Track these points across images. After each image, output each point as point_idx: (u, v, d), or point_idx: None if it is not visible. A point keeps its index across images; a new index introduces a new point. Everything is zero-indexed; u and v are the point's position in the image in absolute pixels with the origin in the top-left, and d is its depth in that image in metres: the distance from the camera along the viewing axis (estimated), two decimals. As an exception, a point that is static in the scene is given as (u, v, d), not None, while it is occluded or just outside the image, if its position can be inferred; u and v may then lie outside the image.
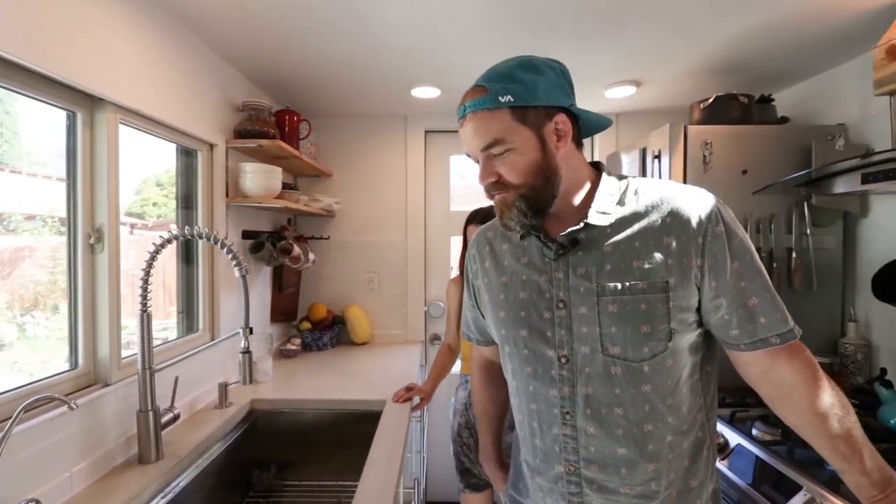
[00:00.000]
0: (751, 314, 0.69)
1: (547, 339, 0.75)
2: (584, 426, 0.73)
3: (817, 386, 0.70)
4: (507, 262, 0.82)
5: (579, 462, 0.74)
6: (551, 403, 0.75)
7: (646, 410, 0.71)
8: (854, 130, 1.62)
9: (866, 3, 1.25)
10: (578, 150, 0.78)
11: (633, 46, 1.56)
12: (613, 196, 0.75)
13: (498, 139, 0.70)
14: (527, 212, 0.72)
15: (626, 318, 0.70)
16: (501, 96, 0.69)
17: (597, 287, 0.71)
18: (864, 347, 1.55)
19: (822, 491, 0.97)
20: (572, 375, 0.73)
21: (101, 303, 1.10)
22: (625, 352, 0.70)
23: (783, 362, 0.71)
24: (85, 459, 1.00)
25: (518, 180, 0.71)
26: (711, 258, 0.69)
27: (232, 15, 1.33)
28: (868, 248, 1.59)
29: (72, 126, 1.07)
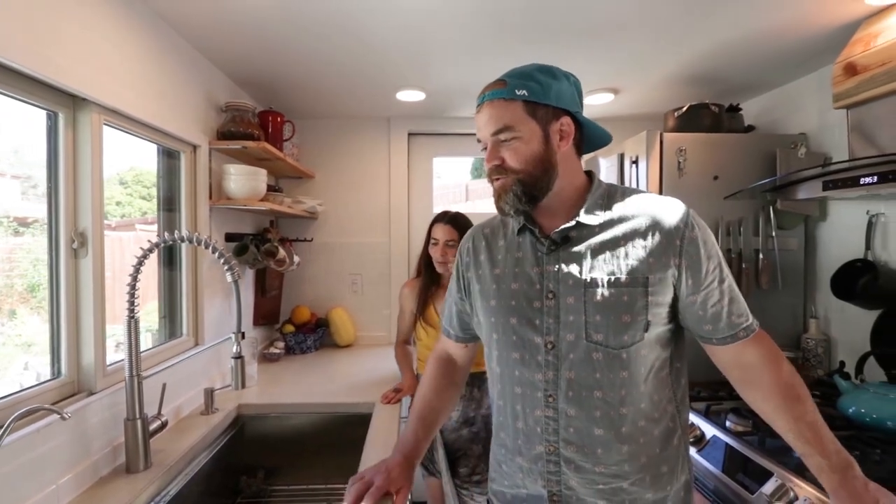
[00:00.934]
0: (721, 312, 0.78)
1: (535, 326, 0.81)
2: (565, 408, 0.79)
3: (780, 367, 0.78)
4: (501, 256, 0.88)
5: (559, 442, 0.80)
6: (536, 387, 0.81)
7: (622, 394, 0.77)
8: (814, 139, 1.74)
9: (825, 22, 1.35)
10: (577, 156, 0.85)
11: (612, 57, 1.63)
12: (602, 200, 0.83)
13: (507, 126, 0.78)
14: (521, 197, 0.79)
15: (609, 308, 0.76)
16: (518, 90, 0.77)
17: (585, 279, 0.78)
18: (824, 342, 1.67)
19: (790, 477, 1.04)
20: (557, 360, 0.79)
21: (86, 309, 1.07)
22: (606, 339, 0.77)
23: (750, 349, 0.79)
24: (71, 470, 0.97)
25: (519, 166, 0.79)
26: (688, 259, 0.77)
27: (217, 16, 1.31)
28: (827, 250, 1.70)
29: (53, 127, 1.04)
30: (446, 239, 1.52)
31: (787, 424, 0.76)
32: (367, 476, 0.82)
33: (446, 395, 0.97)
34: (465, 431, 1.54)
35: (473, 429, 1.54)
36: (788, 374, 0.77)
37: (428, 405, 0.95)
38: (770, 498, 1.03)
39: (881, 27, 1.24)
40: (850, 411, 1.25)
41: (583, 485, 0.79)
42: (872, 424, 1.20)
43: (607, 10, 1.30)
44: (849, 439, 1.18)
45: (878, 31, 1.24)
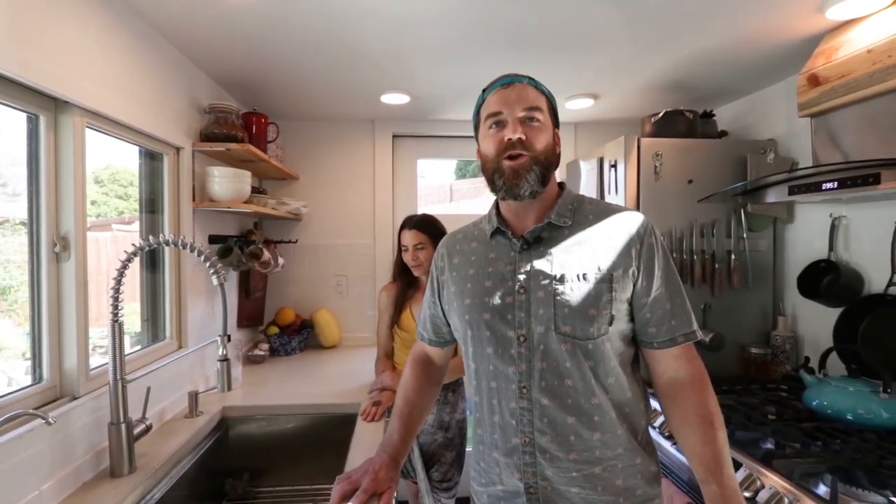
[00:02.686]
0: (667, 316, 0.83)
1: (507, 321, 0.84)
2: (539, 398, 0.82)
3: (705, 392, 0.82)
4: (475, 258, 0.92)
5: (534, 433, 0.83)
6: (510, 380, 0.84)
7: (591, 384, 0.81)
8: (782, 145, 1.82)
9: (791, 34, 1.42)
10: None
11: (592, 63, 1.68)
12: (571, 206, 0.89)
13: (539, 107, 0.85)
14: (539, 179, 0.84)
15: (577, 301, 0.81)
16: (542, 89, 0.88)
17: (554, 275, 0.83)
18: (792, 339, 1.75)
19: (758, 467, 1.10)
20: (529, 352, 0.83)
21: (68, 313, 1.06)
22: (574, 330, 0.81)
23: (682, 363, 0.84)
24: (54, 476, 0.97)
25: (540, 146, 0.84)
26: (644, 263, 0.83)
27: (200, 18, 1.31)
28: (793, 251, 1.79)
29: (33, 130, 1.03)
30: (415, 243, 1.55)
31: (696, 448, 0.80)
32: (354, 476, 0.85)
33: (426, 393, 1.03)
34: (439, 436, 1.56)
35: (448, 434, 1.57)
36: (711, 401, 0.82)
37: (410, 404, 0.98)
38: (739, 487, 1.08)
39: (841, 41, 1.31)
40: (814, 404, 1.33)
41: (557, 474, 0.82)
42: (834, 416, 1.27)
43: (587, 19, 1.35)
44: (813, 430, 1.25)
45: (838, 44, 1.31)
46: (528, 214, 0.88)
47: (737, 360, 1.79)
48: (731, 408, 1.41)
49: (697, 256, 1.76)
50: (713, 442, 0.79)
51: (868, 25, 1.24)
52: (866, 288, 1.49)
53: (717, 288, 1.77)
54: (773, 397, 1.52)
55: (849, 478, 1.00)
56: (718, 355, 1.76)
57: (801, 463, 1.09)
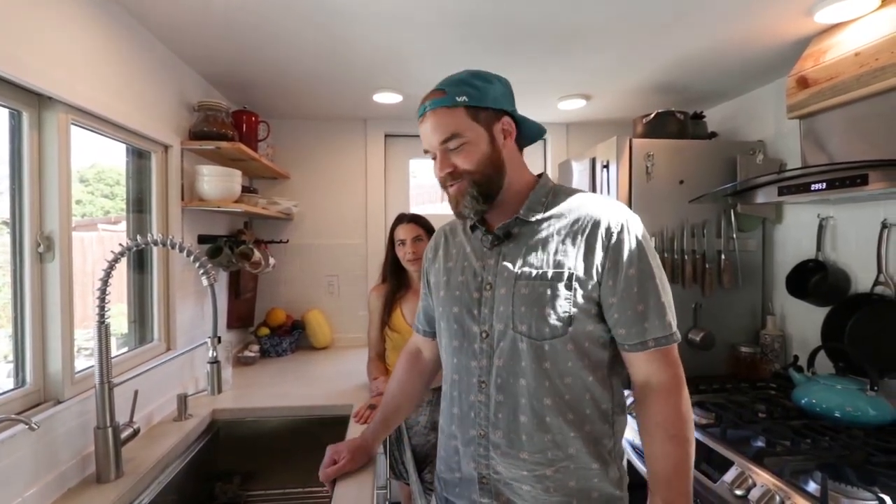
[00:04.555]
0: (637, 318, 0.78)
1: (474, 316, 0.85)
2: (495, 394, 0.83)
3: (672, 402, 0.78)
4: (456, 251, 0.94)
5: (488, 427, 0.84)
6: (471, 373, 0.86)
7: (545, 385, 0.80)
8: (771, 147, 1.84)
9: (780, 37, 1.44)
10: (520, 153, 0.91)
11: (584, 64, 1.68)
12: (546, 198, 0.87)
13: (455, 133, 0.81)
14: (478, 197, 0.83)
15: (532, 300, 0.80)
16: (458, 97, 0.80)
17: (516, 272, 0.82)
18: (780, 338, 1.77)
19: (750, 465, 1.11)
20: (490, 349, 0.84)
21: (52, 315, 1.03)
22: (530, 330, 0.80)
23: (655, 368, 0.79)
24: (38, 482, 0.94)
25: (472, 167, 0.82)
26: (612, 261, 0.79)
27: (190, 14, 1.29)
28: (782, 251, 1.81)
29: (16, 126, 1.00)
30: (413, 235, 1.55)
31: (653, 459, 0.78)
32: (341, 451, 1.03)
33: (408, 383, 1.08)
34: (432, 437, 1.56)
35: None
36: (678, 413, 0.78)
37: (392, 392, 1.07)
38: (731, 485, 1.10)
39: (829, 44, 1.33)
40: (803, 402, 1.34)
41: (509, 469, 0.82)
42: (822, 413, 1.29)
43: (579, 20, 1.35)
44: (802, 428, 1.27)
45: (826, 47, 1.33)
46: (502, 209, 0.86)
47: (727, 358, 1.81)
48: (721, 406, 1.42)
49: (688, 256, 1.77)
50: (670, 457, 0.77)
51: (856, 29, 1.26)
52: (853, 287, 1.51)
53: (707, 287, 1.78)
54: (763, 395, 1.53)
55: (838, 475, 1.02)
56: (709, 354, 1.78)
57: (792, 460, 1.10)
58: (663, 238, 1.78)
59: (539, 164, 2.60)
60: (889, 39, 1.14)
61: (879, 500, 0.92)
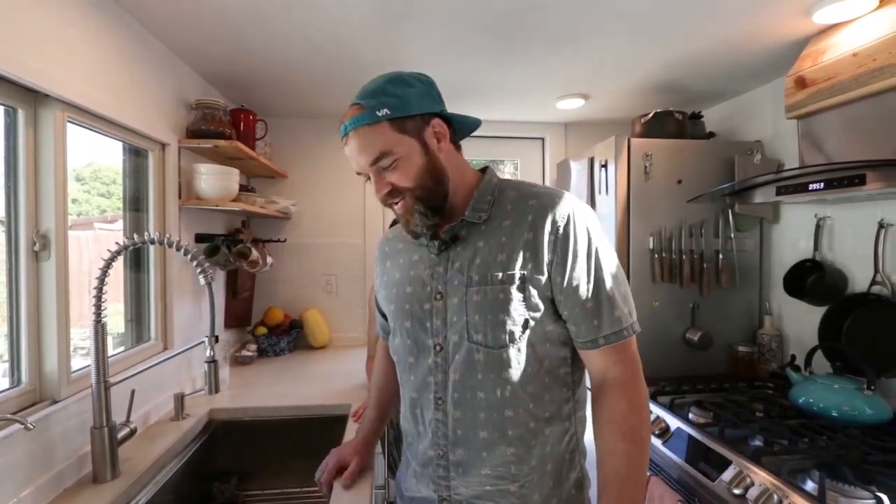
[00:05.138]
0: (587, 315, 0.74)
1: (426, 328, 0.81)
2: (452, 411, 0.78)
3: (625, 398, 0.75)
4: (402, 260, 0.87)
5: (448, 446, 0.79)
6: (428, 389, 0.81)
7: (505, 396, 0.76)
8: (768, 147, 1.85)
9: (778, 37, 1.44)
10: (458, 152, 0.85)
11: (582, 63, 1.68)
12: (492, 196, 0.81)
13: (384, 151, 0.74)
14: (426, 212, 0.77)
15: (485, 307, 0.75)
16: (378, 111, 0.73)
17: (466, 279, 0.77)
18: (778, 337, 1.78)
19: (748, 464, 1.11)
20: (445, 363, 0.79)
21: (48, 314, 1.02)
22: (485, 339, 0.75)
23: (609, 364, 0.76)
24: (33, 482, 0.93)
25: (411, 184, 0.76)
26: (559, 256, 0.75)
27: (187, 13, 1.28)
28: (780, 251, 1.81)
29: (12, 124, 0.99)
30: None
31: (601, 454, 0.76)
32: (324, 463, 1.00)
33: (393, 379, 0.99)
34: None
35: None
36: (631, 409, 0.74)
37: (379, 389, 1.05)
38: (729, 484, 1.10)
39: (828, 44, 1.33)
40: (800, 401, 1.35)
41: (471, 487, 0.79)
42: (820, 413, 1.29)
43: (578, 19, 1.35)
44: (799, 427, 1.27)
45: (825, 47, 1.34)
46: (451, 214, 0.81)
47: (724, 358, 1.82)
48: (719, 405, 1.42)
49: (686, 256, 1.78)
50: (619, 455, 0.74)
51: (854, 29, 1.26)
52: (850, 287, 1.52)
53: (705, 287, 1.79)
54: (761, 395, 1.54)
55: (835, 474, 1.02)
56: (707, 354, 1.79)
57: (789, 459, 1.10)
58: (661, 238, 1.78)
59: (538, 163, 2.61)
60: (887, 40, 1.15)
61: (877, 498, 0.92)
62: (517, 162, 2.62)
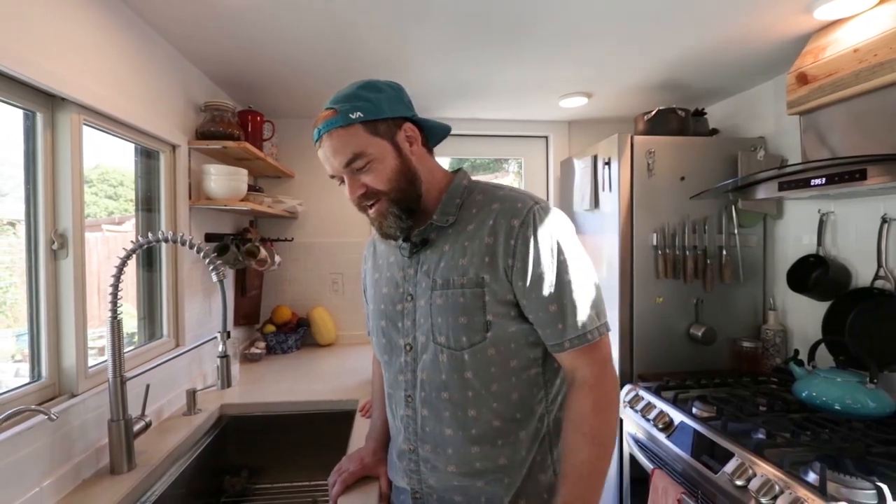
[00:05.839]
0: (552, 318, 0.74)
1: (398, 329, 0.84)
2: (420, 409, 0.81)
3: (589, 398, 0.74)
4: (381, 261, 0.91)
5: (417, 442, 0.83)
6: (400, 387, 0.84)
7: (469, 396, 0.77)
8: (772, 143, 1.85)
9: (780, 34, 1.45)
10: (430, 155, 0.87)
11: (585, 62, 1.69)
12: (461, 199, 0.82)
13: (357, 153, 0.76)
14: (401, 215, 0.79)
15: (447, 309, 0.77)
16: (351, 114, 0.75)
17: (431, 282, 0.79)
18: (782, 332, 1.78)
19: (750, 457, 1.12)
20: (414, 362, 0.82)
21: (66, 311, 1.06)
22: (448, 340, 0.77)
23: (578, 365, 0.76)
24: (55, 473, 0.97)
25: (385, 186, 0.77)
26: (519, 261, 0.75)
27: (196, 16, 1.31)
28: (783, 246, 1.82)
29: (31, 127, 1.03)
30: None
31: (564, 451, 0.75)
32: (344, 465, 0.94)
33: None
34: None
35: None
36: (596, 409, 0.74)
37: (381, 393, 1.00)
38: (731, 476, 1.11)
39: (829, 40, 1.34)
40: (804, 395, 1.36)
41: (440, 482, 0.82)
42: (822, 406, 1.31)
43: (579, 18, 1.36)
44: (802, 421, 1.28)
45: (826, 44, 1.34)
46: (424, 216, 0.82)
47: (729, 353, 1.83)
48: (723, 400, 1.43)
49: (690, 252, 1.79)
50: (577, 454, 0.73)
51: (854, 25, 1.27)
52: (853, 282, 1.53)
53: (708, 283, 1.80)
54: (765, 389, 1.55)
55: (837, 465, 1.03)
56: (711, 349, 1.80)
57: (791, 452, 1.12)
58: (665, 234, 1.79)
59: (541, 162, 2.62)
60: (887, 35, 1.16)
61: (877, 489, 0.93)
62: (521, 160, 2.64)
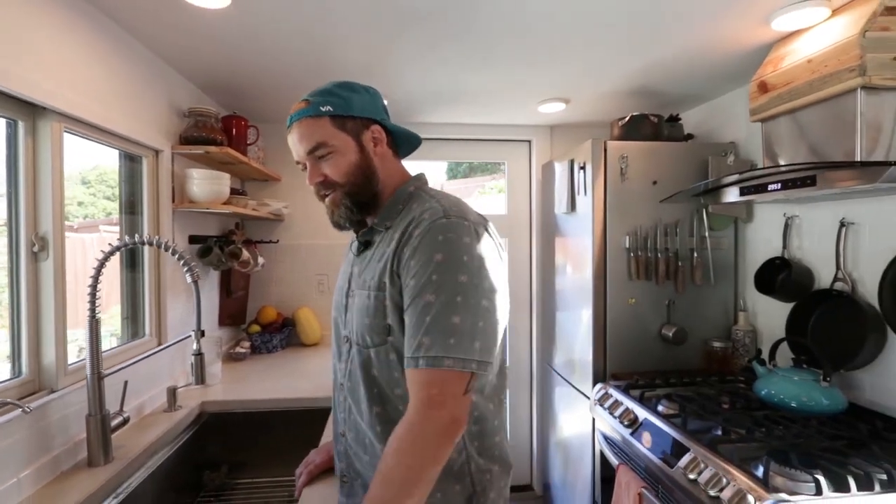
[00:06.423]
0: (419, 328, 0.71)
1: (343, 321, 0.90)
2: (347, 398, 0.87)
3: (401, 428, 0.69)
4: (349, 256, 0.97)
5: (345, 426, 0.89)
6: (337, 374, 0.91)
7: (374, 393, 0.81)
8: (743, 148, 1.90)
9: (745, 43, 1.50)
10: (396, 159, 0.92)
11: (563, 69, 1.74)
12: (401, 206, 0.85)
13: (321, 143, 0.82)
14: (352, 208, 0.85)
15: (359, 310, 0.82)
16: (322, 107, 0.81)
17: (357, 283, 0.86)
18: (752, 333, 1.83)
19: (704, 452, 1.16)
20: (346, 354, 0.87)
21: (46, 311, 1.11)
22: (359, 339, 0.82)
23: (416, 389, 0.71)
24: (32, 464, 1.02)
25: (342, 179, 0.83)
26: (405, 270, 0.76)
27: (178, 26, 1.36)
28: (753, 249, 1.87)
29: (12, 135, 1.08)
30: None
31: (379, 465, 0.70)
32: (311, 457, 0.98)
33: None
34: None
35: None
36: (409, 444, 0.68)
37: None
38: (685, 470, 1.16)
39: (787, 51, 1.39)
40: (763, 393, 1.40)
41: (363, 470, 0.85)
42: (780, 404, 1.35)
43: (554, 27, 1.40)
44: (761, 418, 1.33)
45: (784, 54, 1.39)
46: (375, 212, 0.88)
47: (700, 353, 1.87)
48: (687, 398, 1.48)
49: (662, 254, 1.83)
50: (385, 459, 0.69)
51: (809, 37, 1.32)
52: (816, 283, 1.57)
53: (680, 284, 1.84)
54: (730, 388, 1.59)
55: (784, 460, 1.07)
56: (683, 349, 1.84)
57: (744, 447, 1.16)
58: (637, 237, 1.84)
59: (525, 165, 2.67)
60: (837, 47, 1.20)
61: (815, 481, 0.98)
62: (505, 164, 2.69)
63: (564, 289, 2.17)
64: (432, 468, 0.67)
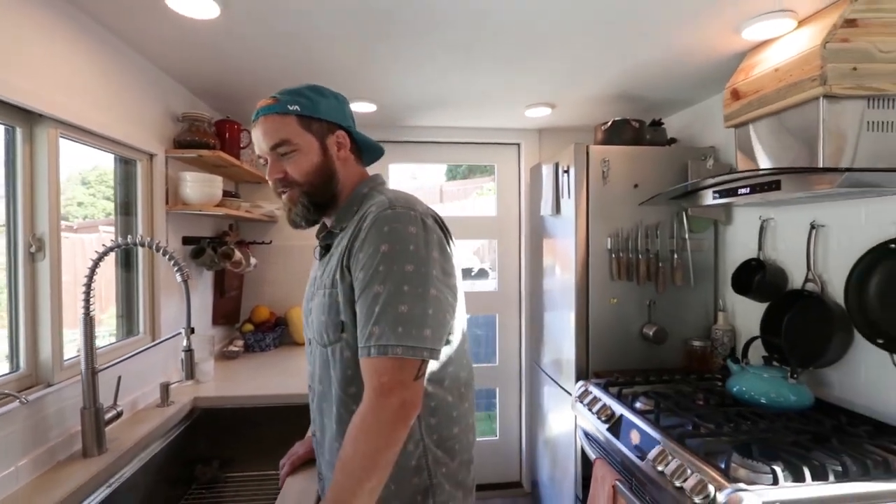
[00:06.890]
0: (369, 319, 0.73)
1: (308, 322, 0.91)
2: (315, 399, 0.89)
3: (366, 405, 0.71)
4: (314, 262, 0.99)
5: (316, 428, 0.91)
6: (308, 380, 0.93)
7: (331, 391, 0.82)
8: (723, 152, 1.95)
9: (719, 51, 1.55)
10: (358, 164, 0.94)
11: (548, 75, 1.79)
12: (356, 207, 0.87)
13: (285, 140, 0.83)
14: (309, 207, 0.86)
15: (318, 309, 0.84)
16: (290, 105, 0.83)
17: (318, 283, 0.87)
18: (730, 332, 1.88)
19: (672, 445, 1.22)
20: (311, 355, 0.90)
21: (43, 309, 1.16)
22: (319, 337, 0.84)
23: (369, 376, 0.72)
24: (29, 454, 1.07)
25: (302, 178, 0.84)
26: (354, 262, 0.78)
27: (170, 34, 1.41)
28: (731, 250, 1.92)
29: (10, 140, 1.13)
30: None
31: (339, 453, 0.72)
32: (295, 449, 1.02)
33: None
34: None
35: None
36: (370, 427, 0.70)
37: None
38: (654, 463, 1.21)
39: (758, 59, 1.44)
40: (734, 390, 1.45)
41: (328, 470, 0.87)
42: (751, 401, 1.40)
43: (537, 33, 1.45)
44: (733, 414, 1.37)
45: (755, 62, 1.45)
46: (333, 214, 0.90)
47: (680, 352, 1.92)
48: (664, 395, 1.53)
49: (643, 256, 1.89)
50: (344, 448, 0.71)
51: (777, 47, 1.37)
52: (790, 284, 1.62)
53: (660, 285, 1.89)
54: (707, 386, 1.64)
55: (747, 452, 1.13)
56: (664, 348, 1.90)
57: (712, 441, 1.21)
58: (619, 238, 1.89)
59: (514, 168, 2.72)
60: (801, 57, 1.26)
61: (772, 471, 1.03)
62: (495, 167, 2.74)
63: (551, 289, 2.22)
64: (387, 452, 0.69)
